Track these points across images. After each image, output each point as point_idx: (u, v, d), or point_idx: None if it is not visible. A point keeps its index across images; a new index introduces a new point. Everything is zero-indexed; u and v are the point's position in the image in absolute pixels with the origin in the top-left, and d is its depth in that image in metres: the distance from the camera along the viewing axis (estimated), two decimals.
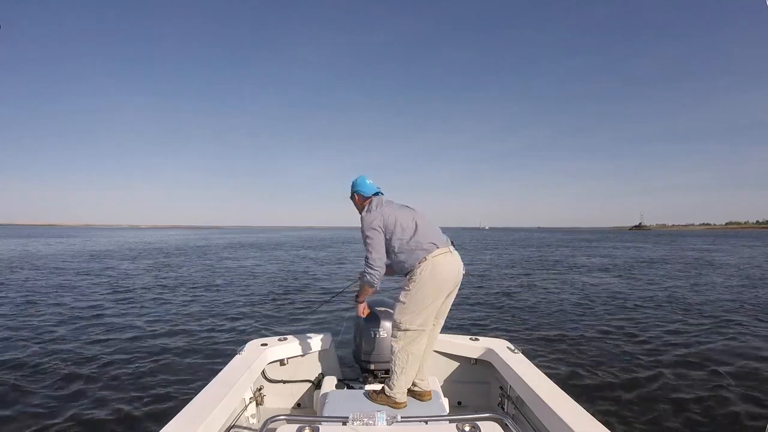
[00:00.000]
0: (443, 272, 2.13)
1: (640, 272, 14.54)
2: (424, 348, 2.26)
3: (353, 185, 2.42)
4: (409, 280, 2.17)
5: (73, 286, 10.42)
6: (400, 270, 2.25)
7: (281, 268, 15.93)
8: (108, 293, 9.37)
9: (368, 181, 2.40)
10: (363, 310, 2.53)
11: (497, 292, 9.97)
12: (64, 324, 6.42)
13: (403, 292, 2.18)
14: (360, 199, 2.40)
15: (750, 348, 5.39)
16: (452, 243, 2.29)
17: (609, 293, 9.84)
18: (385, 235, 2.21)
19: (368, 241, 2.20)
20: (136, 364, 4.63)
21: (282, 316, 7.30)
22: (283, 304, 8.38)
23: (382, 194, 2.42)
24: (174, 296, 9.16)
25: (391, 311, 2.29)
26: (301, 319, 7.07)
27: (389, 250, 2.22)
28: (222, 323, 6.65)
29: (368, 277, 2.22)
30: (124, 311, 7.46)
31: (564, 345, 5.49)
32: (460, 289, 2.27)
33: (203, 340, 5.62)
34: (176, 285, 10.85)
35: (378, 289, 2.36)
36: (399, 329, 2.18)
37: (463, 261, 2.27)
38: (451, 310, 2.33)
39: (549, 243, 40.79)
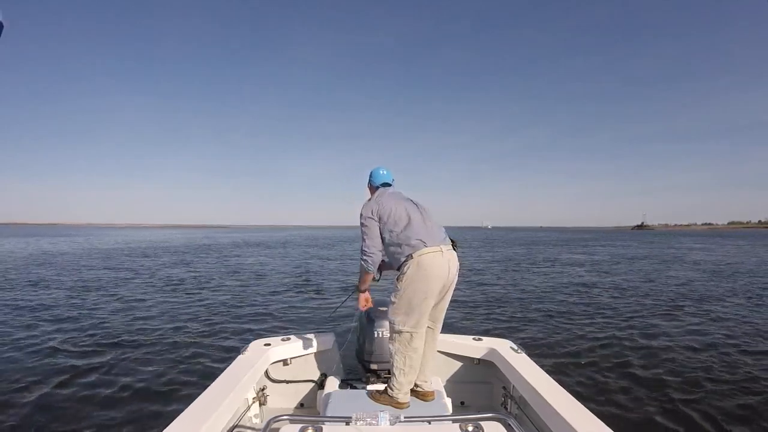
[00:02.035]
0: (429, 271, 2.07)
1: (638, 270, 14.47)
2: (422, 349, 2.24)
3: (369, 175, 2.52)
4: (397, 279, 2.17)
5: (83, 283, 10.50)
6: (394, 263, 2.25)
7: (288, 267, 15.95)
8: (113, 291, 9.40)
9: (381, 172, 2.46)
10: (365, 301, 2.48)
11: (500, 291, 9.89)
12: (63, 321, 6.48)
13: (394, 292, 2.18)
14: (369, 188, 2.50)
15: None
16: (453, 242, 2.27)
17: (610, 292, 9.79)
18: (378, 225, 2.24)
19: (362, 228, 2.25)
20: (138, 364, 4.65)
21: (285, 316, 7.31)
22: (287, 304, 8.39)
23: (390, 186, 2.45)
24: (177, 295, 9.18)
25: None
26: (304, 319, 7.08)
27: (382, 242, 2.24)
28: (225, 323, 6.66)
29: (363, 263, 2.27)
30: (125, 310, 7.48)
31: (567, 345, 5.47)
32: (461, 288, 2.25)
33: (206, 340, 5.63)
34: (180, 284, 10.87)
35: (378, 277, 2.41)
36: (393, 330, 2.19)
37: (464, 259, 2.24)
38: (452, 309, 2.31)
39: (550, 241, 40.65)
